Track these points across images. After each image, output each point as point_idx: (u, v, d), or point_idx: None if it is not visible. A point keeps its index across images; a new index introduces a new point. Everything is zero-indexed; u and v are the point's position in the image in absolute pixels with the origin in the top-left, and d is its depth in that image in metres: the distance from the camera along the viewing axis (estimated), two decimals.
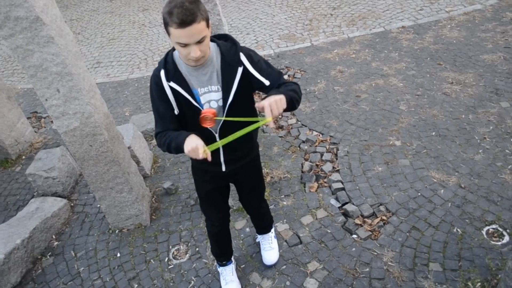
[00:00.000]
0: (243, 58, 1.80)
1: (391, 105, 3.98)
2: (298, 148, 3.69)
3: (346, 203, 3.10)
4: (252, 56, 1.83)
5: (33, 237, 3.09)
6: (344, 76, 4.55)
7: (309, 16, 6.21)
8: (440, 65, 4.43)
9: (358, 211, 3.00)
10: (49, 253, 3.16)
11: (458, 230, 2.75)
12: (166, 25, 1.60)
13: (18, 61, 2.44)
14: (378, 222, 2.92)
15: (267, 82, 1.81)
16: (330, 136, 3.74)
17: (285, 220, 3.05)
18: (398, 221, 2.88)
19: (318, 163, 3.49)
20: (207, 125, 1.82)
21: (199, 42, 1.61)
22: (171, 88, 1.79)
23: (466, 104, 3.82)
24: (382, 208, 3.01)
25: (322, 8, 6.39)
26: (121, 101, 4.98)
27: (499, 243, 2.64)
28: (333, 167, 3.43)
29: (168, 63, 1.81)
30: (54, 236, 3.28)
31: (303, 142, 3.75)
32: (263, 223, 2.71)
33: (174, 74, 1.79)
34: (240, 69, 1.80)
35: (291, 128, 3.95)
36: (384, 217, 2.94)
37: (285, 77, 4.72)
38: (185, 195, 3.43)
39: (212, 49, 1.80)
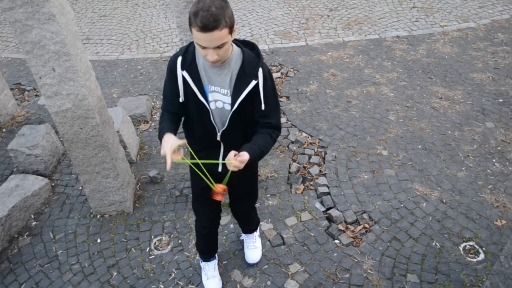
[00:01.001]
0: (260, 73, 1.82)
1: (381, 114, 4.04)
2: (287, 148, 3.71)
3: (331, 207, 3.14)
4: (267, 77, 1.86)
5: (12, 215, 3.02)
6: (336, 80, 4.59)
7: (305, 14, 6.20)
8: (431, 79, 4.51)
9: (342, 217, 3.05)
10: (27, 233, 3.10)
11: (437, 244, 2.83)
12: (190, 24, 1.60)
13: (15, 35, 2.36)
14: (360, 230, 2.97)
15: (260, 110, 1.87)
16: (319, 139, 3.77)
17: (269, 220, 3.07)
18: (380, 230, 2.94)
19: (305, 165, 3.52)
20: (218, 198, 1.93)
21: (218, 47, 1.62)
22: (183, 77, 1.82)
23: (453, 120, 3.91)
24: (365, 216, 3.06)
25: (319, 8, 6.39)
26: (109, 82, 4.88)
27: (475, 260, 2.73)
28: (320, 171, 3.46)
29: (188, 53, 1.83)
30: (32, 216, 3.21)
31: (292, 142, 3.77)
32: (249, 226, 2.72)
33: (190, 64, 1.82)
34: (253, 83, 1.81)
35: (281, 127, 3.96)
36: (366, 225, 3.00)
37: (278, 74, 4.72)
38: (170, 185, 3.41)
39: (235, 53, 1.82)
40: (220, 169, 2.09)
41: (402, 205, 3.13)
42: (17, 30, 2.34)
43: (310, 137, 3.82)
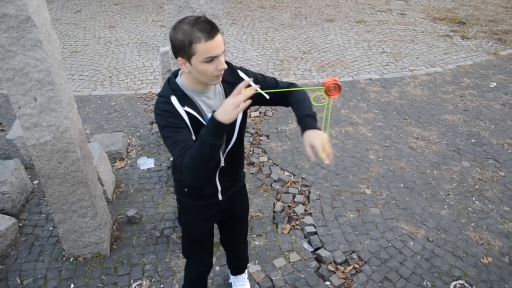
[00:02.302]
0: (241, 74, 1.79)
1: (361, 153, 4.07)
2: (270, 187, 3.63)
3: (319, 248, 3.05)
4: (247, 71, 1.83)
5: None
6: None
7: (280, 56, 6.33)
8: (405, 119, 4.63)
9: (331, 257, 2.96)
10: None
11: (428, 283, 2.78)
12: (190, 44, 1.51)
13: None
14: (350, 270, 2.89)
15: (267, 96, 1.78)
16: (302, 178, 3.73)
17: (257, 261, 2.93)
18: (370, 270, 2.87)
19: (290, 204, 3.44)
20: (333, 95, 1.76)
21: (223, 52, 1.60)
22: (187, 113, 1.65)
23: (430, 160, 3.98)
24: (354, 255, 2.99)
25: (292, 50, 6.55)
26: (81, 118, 4.69)
27: None
28: (305, 210, 3.39)
29: (175, 90, 1.67)
30: None
31: (275, 181, 3.70)
32: (240, 263, 2.58)
33: (185, 100, 1.68)
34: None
35: (263, 165, 3.90)
36: (356, 265, 2.92)
37: (256, 113, 4.71)
38: (149, 225, 3.22)
39: None
40: (220, 197, 1.99)
41: (390, 244, 3.08)
42: None
43: (293, 175, 3.77)
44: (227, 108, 1.45)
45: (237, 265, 2.60)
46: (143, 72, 5.83)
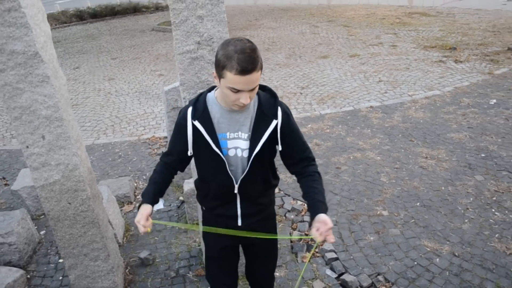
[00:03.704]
0: (279, 112, 1.75)
1: (372, 177, 4.00)
2: (284, 218, 3.53)
3: (343, 273, 2.91)
4: (289, 116, 1.80)
5: None
6: (321, 149, 4.59)
7: (279, 93, 6.37)
8: (412, 141, 4.60)
9: (357, 281, 2.82)
10: None
11: None
12: (223, 68, 1.54)
13: (2, 100, 2.20)
14: None
15: (280, 147, 1.82)
16: None
17: None
18: None
19: (307, 233, 3.33)
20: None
21: (253, 89, 1.58)
22: (194, 128, 1.72)
23: (443, 177, 3.91)
24: (380, 278, 2.85)
25: (290, 87, 6.64)
26: None
27: None
28: None
29: (199, 102, 1.75)
30: None
31: (289, 211, 3.61)
32: None
33: (202, 114, 1.72)
34: (274, 122, 1.73)
35: (275, 197, 3.81)
36: (384, 287, 2.79)
37: None
38: (164, 266, 3.09)
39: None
40: (239, 223, 1.90)
41: (415, 262, 2.96)
42: (5, 94, 2.18)
43: (306, 204, 3.67)
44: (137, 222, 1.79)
45: None
46: (145, 118, 5.86)
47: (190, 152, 1.80)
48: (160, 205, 3.77)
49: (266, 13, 13.75)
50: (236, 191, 1.83)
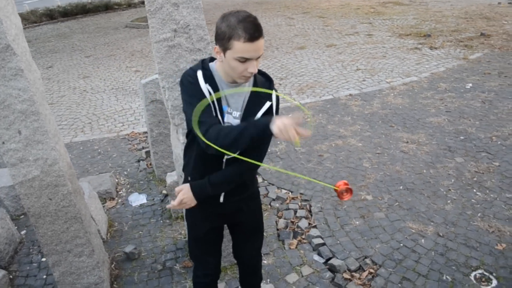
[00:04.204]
0: (273, 95, 1.74)
1: (355, 163, 4.02)
2: (269, 206, 3.52)
3: (330, 258, 2.92)
4: (278, 100, 1.79)
5: None
6: (302, 138, 4.58)
7: None
8: (392, 127, 4.65)
9: (345, 265, 2.84)
10: None
11: (448, 277, 2.68)
12: (230, 38, 1.51)
13: None
14: (367, 275, 2.76)
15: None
16: (300, 194, 3.64)
17: (268, 280, 2.78)
18: (387, 273, 2.75)
19: (293, 220, 3.33)
20: (346, 197, 1.74)
21: (259, 57, 1.57)
22: (209, 91, 1.66)
23: (424, 160, 3.97)
24: (368, 260, 2.87)
25: None
26: None
27: (489, 287, 2.60)
28: (309, 223, 3.28)
29: (207, 70, 1.70)
30: None
31: (273, 200, 3.60)
32: (254, 279, 2.43)
33: (211, 80, 1.68)
34: (268, 104, 1.72)
35: (259, 186, 3.79)
36: (372, 270, 2.80)
37: None
38: (150, 260, 3.04)
39: None
40: (221, 199, 1.89)
41: (401, 244, 2.99)
42: None
43: (290, 192, 3.67)
44: (285, 127, 1.44)
45: (251, 283, 2.44)
46: (123, 114, 5.75)
47: (213, 111, 1.68)
48: (143, 199, 3.71)
49: (241, 6, 13.67)
50: (223, 166, 1.80)
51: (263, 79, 1.79)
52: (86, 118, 5.74)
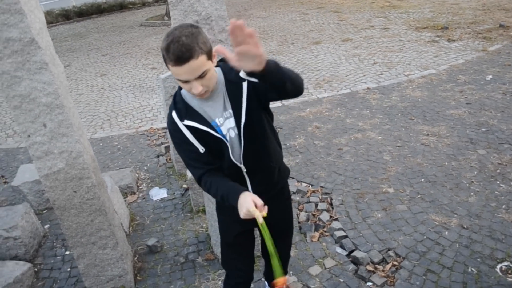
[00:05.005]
0: (242, 73, 1.58)
1: (375, 156, 3.99)
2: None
3: (353, 250, 2.90)
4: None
5: None
6: (322, 132, 4.56)
7: None
8: (411, 119, 4.60)
9: (368, 257, 2.81)
10: None
11: (473, 269, 2.64)
12: (164, 60, 1.48)
13: (1, 89, 2.15)
14: (390, 268, 2.73)
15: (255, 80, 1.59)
16: (321, 187, 3.62)
17: (291, 272, 2.77)
18: (411, 265, 2.72)
19: (314, 213, 3.31)
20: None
21: (200, 77, 1.49)
22: (187, 127, 1.64)
23: (446, 152, 3.91)
24: (391, 253, 2.84)
25: None
26: None
27: None
28: (331, 216, 3.26)
29: (178, 103, 1.68)
30: None
31: (294, 193, 3.58)
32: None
33: (187, 111, 1.66)
34: (244, 84, 1.64)
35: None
36: (395, 262, 2.77)
37: None
38: (172, 253, 3.06)
39: (218, 74, 1.67)
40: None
41: (425, 236, 2.95)
42: (4, 83, 2.13)
43: (310, 186, 3.66)
44: (242, 206, 1.58)
45: None
46: (141, 111, 5.79)
47: (201, 149, 1.69)
48: (163, 193, 3.73)
49: (255, 3, 13.65)
50: (244, 170, 1.78)
51: (228, 68, 1.65)
52: (105, 115, 5.80)
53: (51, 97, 2.21)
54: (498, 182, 3.43)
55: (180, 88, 1.72)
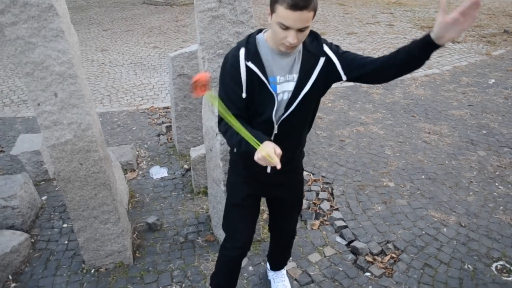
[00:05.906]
0: (326, 49, 1.71)
1: (377, 150, 4.01)
2: None
3: (353, 240, 2.93)
4: (338, 48, 1.74)
5: None
6: (324, 122, 4.57)
7: None
8: (414, 117, 4.62)
9: (367, 248, 2.84)
10: None
11: (469, 266, 2.68)
12: (276, 1, 1.50)
13: (14, 54, 2.10)
14: (389, 260, 2.77)
15: (344, 77, 1.71)
16: (322, 176, 3.63)
17: (291, 258, 2.79)
18: (409, 259, 2.76)
19: (315, 201, 3.32)
20: (198, 93, 1.64)
21: (301, 30, 1.53)
22: (247, 68, 1.66)
23: (447, 151, 3.94)
24: (390, 245, 2.88)
25: None
26: None
27: (510, 278, 2.60)
28: (331, 206, 3.28)
29: (250, 44, 1.70)
30: (11, 277, 2.71)
31: None
32: (284, 256, 2.45)
33: (254, 55, 1.68)
34: (322, 60, 1.69)
35: None
36: (394, 255, 2.81)
37: None
38: (172, 232, 3.06)
39: None
40: (269, 169, 1.88)
41: (423, 232, 2.99)
42: (17, 48, 2.08)
43: (312, 175, 3.67)
44: (262, 150, 1.55)
45: (280, 258, 2.45)
46: (142, 89, 5.73)
47: (244, 94, 1.72)
48: (164, 172, 3.71)
49: None
50: (275, 132, 1.79)
51: (311, 37, 1.73)
52: (105, 91, 5.73)
53: (64, 66, 2.17)
54: (496, 184, 3.47)
55: (257, 33, 1.75)
